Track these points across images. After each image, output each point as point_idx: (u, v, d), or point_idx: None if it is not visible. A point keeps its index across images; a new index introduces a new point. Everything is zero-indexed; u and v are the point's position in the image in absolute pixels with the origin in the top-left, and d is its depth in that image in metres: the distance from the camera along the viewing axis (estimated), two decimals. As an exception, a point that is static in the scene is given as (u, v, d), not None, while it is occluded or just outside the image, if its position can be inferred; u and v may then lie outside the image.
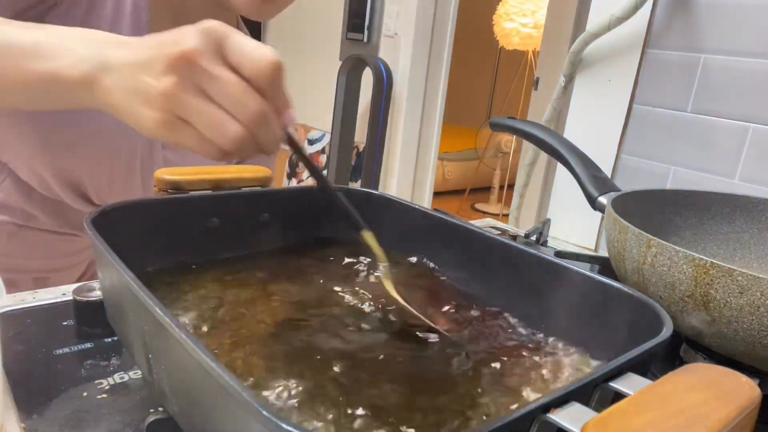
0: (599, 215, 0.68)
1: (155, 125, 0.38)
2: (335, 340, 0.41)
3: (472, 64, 4.72)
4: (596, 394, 0.28)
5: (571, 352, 0.41)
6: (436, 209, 0.60)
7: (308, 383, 0.34)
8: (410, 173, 2.47)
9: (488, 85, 5.00)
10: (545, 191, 2.62)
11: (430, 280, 0.52)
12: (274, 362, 0.37)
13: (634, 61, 0.87)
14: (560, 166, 0.91)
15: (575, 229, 0.96)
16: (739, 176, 0.78)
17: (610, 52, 0.90)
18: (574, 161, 0.67)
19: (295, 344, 0.39)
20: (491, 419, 0.33)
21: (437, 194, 3.53)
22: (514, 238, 0.79)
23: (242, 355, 0.37)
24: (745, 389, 0.26)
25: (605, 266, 0.65)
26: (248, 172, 0.54)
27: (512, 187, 3.44)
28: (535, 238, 0.76)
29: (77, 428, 0.36)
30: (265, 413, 0.22)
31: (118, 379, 0.42)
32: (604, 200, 0.61)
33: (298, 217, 0.56)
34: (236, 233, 0.52)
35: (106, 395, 0.40)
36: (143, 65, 0.38)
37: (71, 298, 0.48)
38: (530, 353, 0.41)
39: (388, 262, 0.47)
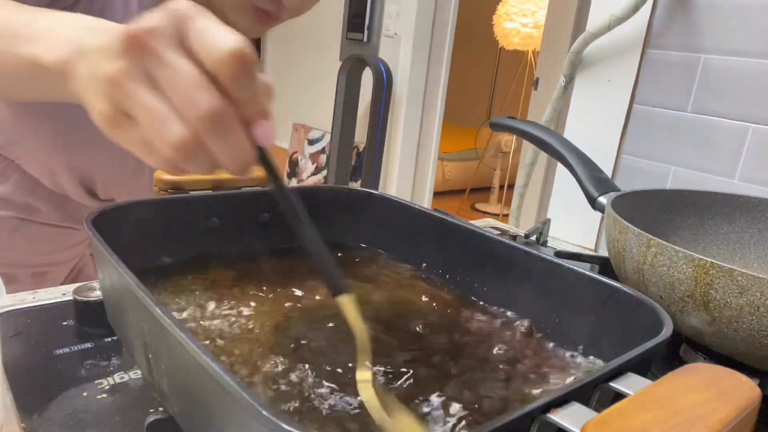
0: (599, 215, 0.68)
1: (102, 120, 0.32)
2: (334, 340, 0.41)
3: (472, 64, 4.72)
4: (596, 394, 0.28)
5: (571, 351, 0.41)
6: (436, 209, 0.60)
7: (307, 383, 0.34)
8: (410, 173, 2.47)
9: (488, 85, 5.00)
10: (545, 191, 2.62)
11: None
12: (273, 362, 0.37)
13: (634, 61, 0.87)
14: (560, 166, 0.91)
15: (575, 229, 0.96)
16: (739, 176, 0.78)
17: (610, 52, 0.90)
18: (574, 161, 0.67)
19: (294, 344, 0.39)
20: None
21: (437, 194, 3.53)
22: (514, 238, 0.79)
23: (242, 355, 0.37)
24: (745, 389, 0.26)
25: (605, 266, 0.65)
26: (248, 172, 0.54)
27: (512, 187, 3.44)
28: (535, 238, 0.76)
29: (77, 428, 0.36)
30: (265, 413, 0.22)
31: (118, 379, 0.42)
32: (604, 200, 0.61)
33: (298, 217, 0.56)
34: (236, 233, 0.52)
35: (106, 395, 0.40)
36: (105, 49, 0.32)
37: (71, 298, 0.48)
38: (530, 353, 0.41)
39: (369, 349, 0.33)
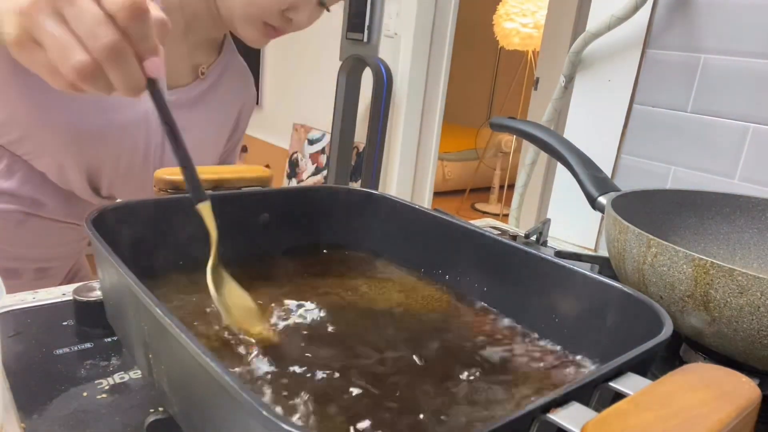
0: (599, 215, 0.68)
1: (11, 43, 0.39)
2: (331, 341, 0.41)
3: (472, 64, 4.72)
4: (596, 394, 0.28)
5: (571, 351, 0.41)
6: (436, 209, 0.60)
7: (307, 383, 0.34)
8: (410, 173, 2.47)
9: (488, 85, 5.00)
10: (545, 191, 2.62)
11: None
12: (272, 361, 0.37)
13: (634, 61, 0.87)
14: (560, 166, 0.91)
15: (575, 229, 0.96)
16: (739, 176, 0.78)
17: (610, 52, 0.90)
18: (574, 161, 0.67)
19: (293, 344, 0.39)
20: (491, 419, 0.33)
21: (437, 194, 3.53)
22: (514, 238, 0.79)
23: (241, 354, 0.37)
24: (745, 389, 0.26)
25: (605, 266, 0.65)
26: (248, 172, 0.54)
27: (512, 187, 3.44)
28: (535, 238, 0.76)
29: (77, 428, 0.36)
30: (265, 413, 0.22)
31: (118, 379, 0.42)
32: (604, 200, 0.61)
33: (298, 217, 0.56)
34: (236, 233, 0.52)
35: (106, 395, 0.40)
36: None
37: (71, 298, 0.48)
38: (530, 353, 0.41)
39: (216, 242, 0.41)
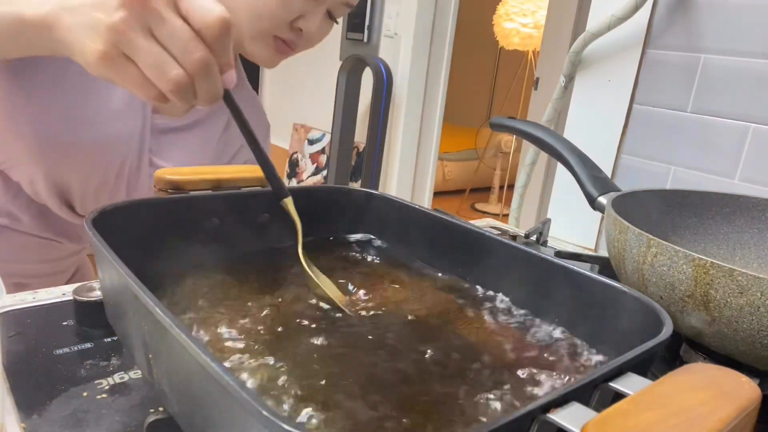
0: (599, 215, 0.68)
1: (98, 57, 0.39)
2: (333, 341, 0.41)
3: (472, 64, 4.72)
4: (596, 394, 0.28)
5: (570, 351, 0.41)
6: (436, 209, 0.60)
7: (307, 383, 0.34)
8: (410, 173, 2.47)
9: (488, 85, 5.00)
10: (545, 191, 2.62)
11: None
12: (272, 361, 0.37)
13: (634, 61, 0.87)
14: (560, 166, 0.91)
15: (575, 229, 0.96)
16: (739, 176, 0.78)
17: (610, 52, 0.90)
18: (574, 161, 0.67)
19: (293, 344, 0.39)
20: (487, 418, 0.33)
21: (437, 194, 3.53)
22: (514, 238, 0.79)
23: (241, 354, 0.37)
24: (745, 389, 0.26)
25: (605, 266, 0.65)
26: (248, 172, 0.54)
27: (512, 187, 3.44)
28: (535, 238, 0.76)
29: (77, 428, 0.36)
30: (265, 413, 0.22)
31: (118, 379, 0.42)
32: (604, 200, 0.61)
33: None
34: (236, 233, 0.52)
35: (106, 395, 0.40)
36: (99, 3, 0.39)
37: (71, 298, 0.48)
38: (529, 353, 0.41)
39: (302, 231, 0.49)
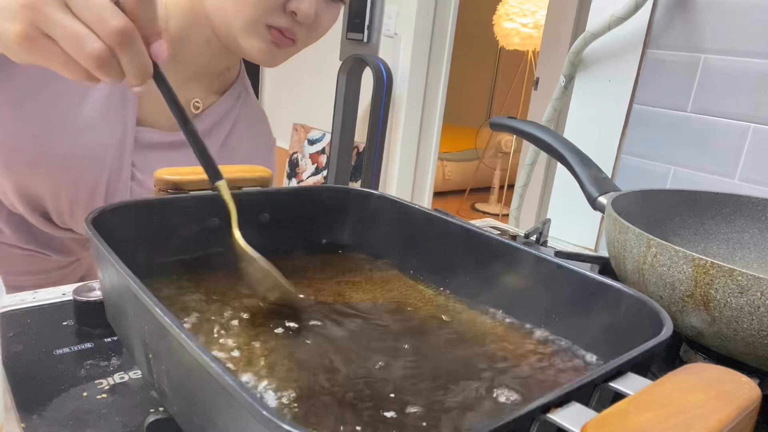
0: (599, 215, 0.68)
1: (18, 39, 0.38)
2: (331, 341, 0.41)
3: (472, 64, 4.72)
4: (596, 394, 0.28)
5: (570, 351, 0.41)
6: (436, 209, 0.60)
7: (305, 384, 0.34)
8: (410, 173, 2.47)
9: (488, 85, 5.00)
10: (545, 191, 2.63)
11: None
12: (271, 361, 0.37)
13: (634, 61, 0.87)
14: (560, 166, 0.91)
15: (575, 229, 0.96)
16: (739, 176, 0.78)
17: (610, 52, 0.90)
18: (574, 161, 0.67)
19: (291, 344, 0.39)
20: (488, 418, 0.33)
21: (437, 194, 3.53)
22: (514, 238, 0.79)
23: (240, 354, 0.37)
24: (745, 389, 0.26)
25: (605, 266, 0.65)
26: (248, 172, 0.54)
27: (512, 187, 3.44)
28: (535, 238, 0.76)
29: (77, 428, 0.36)
30: (265, 413, 0.22)
31: (118, 379, 0.42)
32: (604, 200, 0.61)
33: (298, 217, 0.56)
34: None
35: (106, 395, 0.40)
36: None
37: (71, 298, 0.48)
38: (530, 353, 0.41)
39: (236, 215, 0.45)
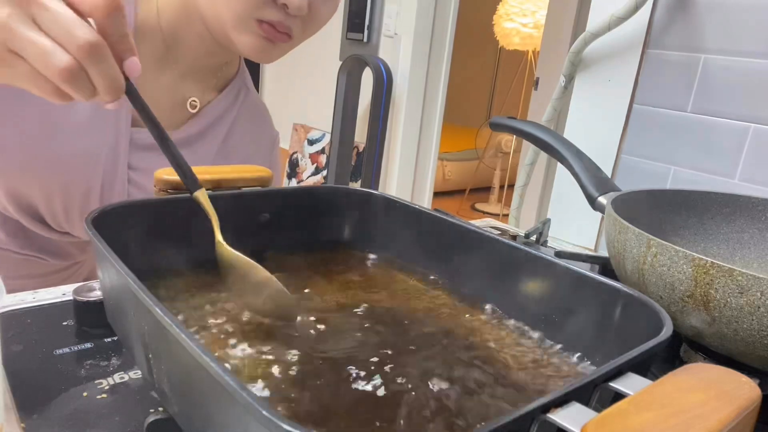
0: (599, 215, 0.68)
1: None
2: (331, 341, 0.41)
3: (472, 64, 4.72)
4: (596, 394, 0.28)
5: (570, 351, 0.41)
6: (436, 209, 0.60)
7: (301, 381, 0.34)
8: (410, 173, 2.47)
9: (488, 85, 5.00)
10: (545, 191, 2.63)
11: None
12: (270, 361, 0.37)
13: (634, 61, 0.87)
14: (560, 166, 0.91)
15: (575, 229, 0.96)
16: (739, 176, 0.78)
17: (610, 52, 0.90)
18: (574, 161, 0.67)
19: (292, 345, 0.39)
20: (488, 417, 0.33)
21: (437, 194, 3.53)
22: (514, 238, 0.79)
23: (240, 354, 0.37)
24: (745, 389, 0.26)
25: (605, 266, 0.65)
26: (248, 172, 0.54)
27: (512, 187, 3.44)
28: (535, 238, 0.76)
29: (77, 428, 0.36)
30: (265, 413, 0.22)
31: (118, 379, 0.42)
32: (604, 200, 0.61)
33: (298, 217, 0.56)
34: (236, 233, 0.52)
35: (106, 395, 0.40)
36: None
37: (71, 298, 0.48)
38: (530, 353, 0.41)
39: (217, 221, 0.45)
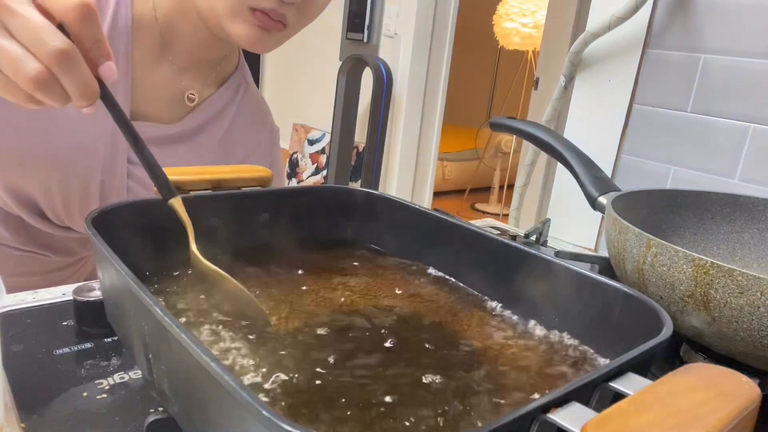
0: (599, 215, 0.68)
1: None
2: (330, 341, 0.41)
3: (472, 64, 4.72)
4: (596, 394, 0.28)
5: (570, 351, 0.41)
6: (436, 209, 0.60)
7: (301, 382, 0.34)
8: (410, 173, 2.47)
9: (488, 85, 5.00)
10: (545, 191, 2.62)
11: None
12: (270, 362, 0.37)
13: (634, 61, 0.87)
14: (560, 166, 0.91)
15: (575, 229, 0.96)
16: (739, 176, 0.78)
17: (610, 52, 0.90)
18: (574, 161, 0.67)
19: (291, 345, 0.39)
20: (488, 419, 0.33)
21: (437, 194, 3.53)
22: (514, 238, 0.79)
23: (240, 354, 0.37)
24: (745, 389, 0.26)
25: (605, 266, 0.65)
26: (248, 172, 0.54)
27: (512, 187, 3.44)
28: (535, 238, 0.76)
29: (77, 428, 0.36)
30: (265, 413, 0.22)
31: (118, 379, 0.42)
32: (604, 200, 0.61)
33: (298, 217, 0.56)
34: (236, 233, 0.52)
35: (106, 395, 0.40)
36: None
37: (71, 298, 0.48)
38: (530, 353, 0.41)
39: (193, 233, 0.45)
